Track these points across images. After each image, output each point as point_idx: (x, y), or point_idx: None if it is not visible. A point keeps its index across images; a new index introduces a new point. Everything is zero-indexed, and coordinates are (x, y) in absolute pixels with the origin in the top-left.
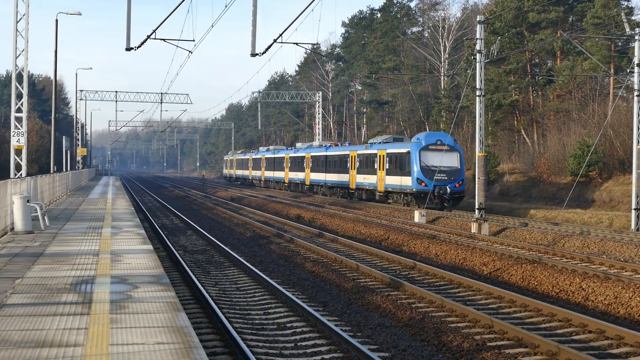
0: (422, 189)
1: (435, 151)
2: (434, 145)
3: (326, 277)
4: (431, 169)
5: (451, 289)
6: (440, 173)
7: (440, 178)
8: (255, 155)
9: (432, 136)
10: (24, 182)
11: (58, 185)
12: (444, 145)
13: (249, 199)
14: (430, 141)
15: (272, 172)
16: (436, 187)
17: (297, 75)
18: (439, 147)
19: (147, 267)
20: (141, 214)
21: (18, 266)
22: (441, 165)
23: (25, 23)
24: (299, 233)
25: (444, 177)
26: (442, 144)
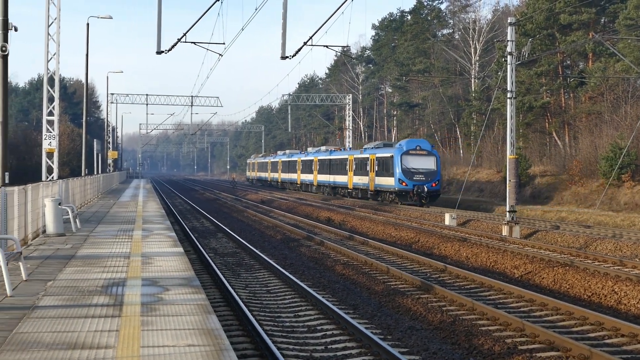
0: (403, 188)
1: (415, 155)
2: (414, 150)
3: (356, 280)
4: (411, 171)
5: (482, 292)
6: (418, 174)
7: (418, 179)
8: (273, 159)
9: (413, 142)
10: (56, 185)
11: (89, 188)
12: (423, 150)
13: (279, 202)
14: (410, 147)
15: (287, 174)
16: (415, 187)
17: (327, 77)
18: (418, 152)
19: (177, 270)
20: (172, 217)
21: (50, 268)
22: (420, 168)
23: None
24: (329, 236)
25: (422, 177)
26: (421, 149)
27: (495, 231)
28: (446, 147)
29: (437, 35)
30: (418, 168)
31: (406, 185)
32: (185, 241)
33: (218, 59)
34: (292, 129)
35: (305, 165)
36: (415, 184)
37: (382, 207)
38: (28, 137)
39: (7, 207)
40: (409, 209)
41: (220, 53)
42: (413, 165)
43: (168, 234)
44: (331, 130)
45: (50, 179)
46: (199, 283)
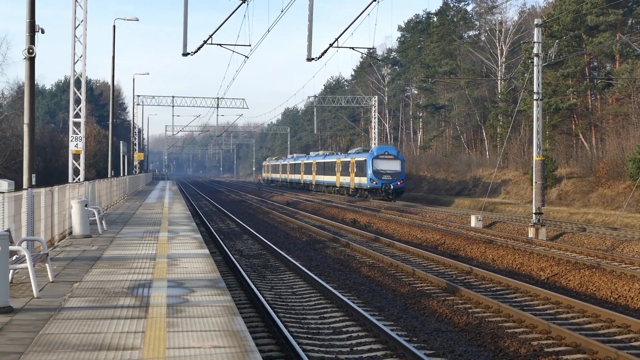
0: (374, 186)
1: (384, 159)
2: (383, 155)
3: (382, 282)
4: (380, 172)
5: (508, 294)
6: (386, 175)
7: (386, 178)
8: (283, 162)
9: (382, 149)
10: (82, 186)
11: (115, 190)
12: (390, 155)
13: (305, 204)
14: (380, 152)
15: (292, 175)
16: (383, 185)
17: (353, 79)
18: (386, 157)
19: (203, 271)
20: (197, 219)
21: (76, 270)
22: (387, 169)
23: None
24: (354, 237)
25: (389, 177)
26: (388, 154)
27: (521, 233)
28: (472, 148)
29: (463, 37)
30: (386, 170)
31: (376, 184)
32: (210, 243)
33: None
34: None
35: (307, 168)
36: (384, 183)
37: (408, 209)
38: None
39: (34, 208)
40: (435, 211)
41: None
42: (382, 168)
43: (194, 235)
44: (357, 132)
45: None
46: (224, 285)
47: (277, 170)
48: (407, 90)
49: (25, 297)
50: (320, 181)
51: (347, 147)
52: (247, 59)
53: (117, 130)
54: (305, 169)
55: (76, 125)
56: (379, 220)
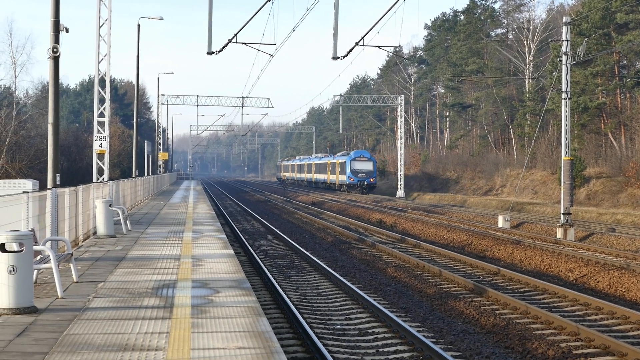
0: (351, 182)
1: (360, 161)
2: (359, 157)
3: (408, 283)
4: (357, 171)
5: (536, 295)
6: (361, 173)
7: (361, 176)
8: (292, 163)
9: (358, 152)
10: (106, 186)
11: (140, 190)
12: (365, 157)
13: (330, 204)
14: (357, 155)
15: (297, 174)
16: (359, 181)
17: (379, 78)
18: (362, 159)
19: (228, 272)
20: (222, 219)
21: (101, 270)
22: (362, 169)
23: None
24: (380, 238)
25: (364, 175)
26: (363, 157)
27: (549, 234)
28: (499, 148)
29: (491, 35)
30: (361, 169)
31: (354, 181)
32: (235, 243)
33: (269, 60)
34: (343, 130)
35: (308, 168)
36: (360, 180)
37: (434, 209)
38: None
39: (58, 208)
40: (462, 211)
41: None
42: (358, 167)
43: (218, 235)
44: (383, 132)
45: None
46: (249, 285)
47: (287, 170)
48: (433, 89)
49: (50, 298)
50: (317, 179)
51: (374, 147)
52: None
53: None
54: (307, 169)
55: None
56: (405, 220)
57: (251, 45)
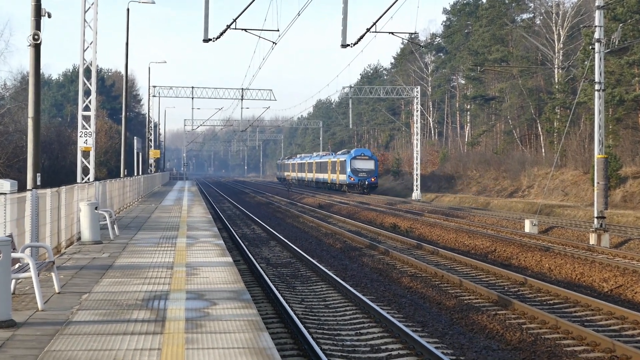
0: (352, 182)
1: (360, 159)
2: (360, 156)
3: (425, 294)
4: (357, 170)
5: (567, 307)
6: (362, 172)
7: (362, 175)
8: (294, 161)
9: (359, 151)
10: (92, 187)
11: (129, 191)
12: (366, 156)
13: (339, 207)
14: (357, 154)
15: (298, 173)
16: (360, 181)
17: (392, 68)
18: (362, 158)
19: (226, 282)
20: (219, 223)
21: (85, 280)
22: (363, 168)
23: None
24: (394, 244)
25: (365, 174)
26: (364, 155)
27: (581, 240)
28: (526, 145)
29: (516, 21)
30: (362, 168)
31: (354, 180)
32: (234, 250)
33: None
34: (353, 125)
35: (309, 167)
36: (360, 179)
37: (454, 212)
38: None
39: (39, 211)
40: (484, 214)
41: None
42: (359, 166)
43: (215, 241)
44: (397, 127)
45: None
46: (249, 297)
47: (287, 169)
48: (453, 80)
49: (29, 310)
50: (318, 179)
51: (387, 143)
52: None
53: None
54: (308, 168)
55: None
56: (421, 225)
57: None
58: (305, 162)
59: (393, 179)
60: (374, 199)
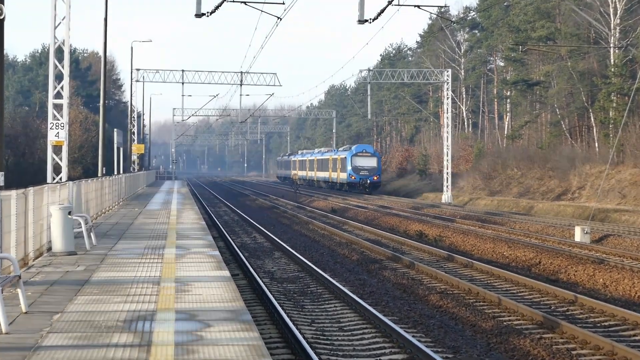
0: (352, 180)
1: (362, 156)
2: (361, 153)
3: (457, 314)
4: (358, 168)
5: (624, 330)
6: (363, 170)
7: (363, 174)
8: (294, 158)
9: (360, 147)
10: (65, 188)
11: (108, 193)
12: (367, 152)
13: (355, 211)
14: (358, 150)
15: (298, 171)
16: (361, 179)
17: (418, 48)
18: (364, 154)
19: (222, 300)
20: (215, 230)
21: (57, 297)
22: (364, 165)
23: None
24: (421, 255)
25: (366, 172)
26: (366, 152)
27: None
28: (576, 138)
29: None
30: (364, 166)
31: (355, 179)
32: (232, 262)
33: (276, 24)
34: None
35: (311, 164)
36: (362, 178)
37: (491, 218)
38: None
39: (3, 217)
40: (527, 221)
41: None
42: (360, 164)
43: (210, 252)
44: (424, 117)
45: (58, 180)
46: (250, 317)
47: (288, 167)
48: (489, 62)
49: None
50: (319, 177)
51: (412, 137)
52: (280, 21)
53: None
54: (310, 166)
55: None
56: (453, 232)
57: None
58: (307, 159)
59: (419, 178)
60: (397, 203)
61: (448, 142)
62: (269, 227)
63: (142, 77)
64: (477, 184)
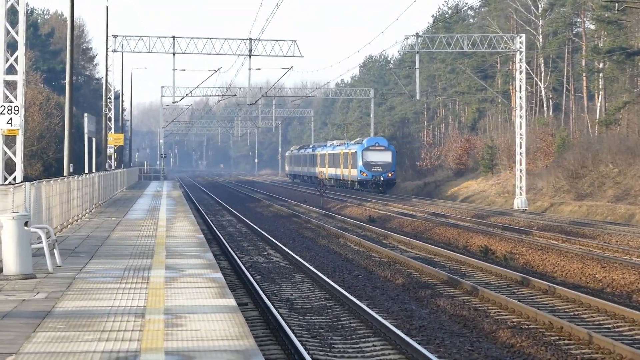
0: (364, 178)
1: (374, 150)
2: (373, 146)
3: (535, 355)
4: (370, 164)
5: None
6: (376, 167)
7: (376, 170)
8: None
9: (373, 140)
10: (20, 191)
11: (76, 197)
12: (381, 146)
13: (400, 220)
14: (370, 143)
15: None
16: (374, 177)
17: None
18: (377, 148)
19: (226, 337)
20: (216, 246)
21: (10, 334)
22: (377, 161)
23: None
24: (487, 278)
25: (379, 169)
26: (379, 145)
27: None
28: None
29: None
30: (376, 161)
31: (366, 176)
32: (239, 288)
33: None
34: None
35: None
36: (374, 175)
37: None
38: None
39: None
40: (627, 233)
41: None
42: (372, 159)
43: (210, 275)
44: (489, 98)
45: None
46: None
47: (298, 162)
48: (577, 25)
49: None
50: (330, 175)
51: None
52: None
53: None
54: (321, 162)
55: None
56: (528, 248)
57: None
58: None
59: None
60: (454, 209)
61: (522, 130)
62: (287, 242)
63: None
64: (559, 185)
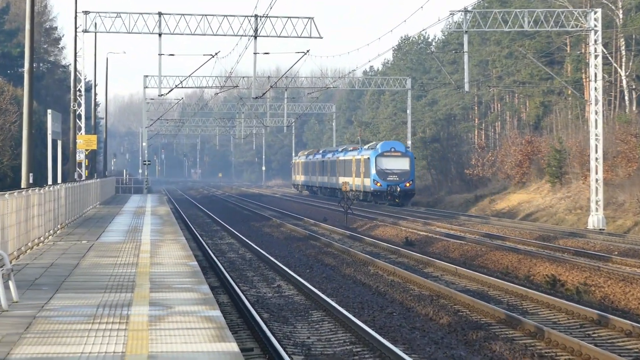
0: (378, 188)
1: (389, 157)
2: (388, 152)
3: None
4: (385, 172)
5: None
6: (392, 175)
7: (392, 179)
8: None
9: (388, 144)
10: None
11: (38, 215)
12: (397, 152)
13: (444, 243)
14: (385, 149)
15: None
16: (389, 187)
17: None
18: (392, 153)
19: None
20: (213, 276)
21: None
22: (393, 169)
23: None
24: (555, 317)
25: (396, 178)
26: (395, 151)
27: None
28: None
29: None
30: (392, 169)
31: (380, 186)
32: (242, 329)
33: None
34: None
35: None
36: (389, 184)
37: None
38: None
39: None
40: None
41: None
42: (387, 167)
43: (205, 313)
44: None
45: None
46: None
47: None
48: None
49: None
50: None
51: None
52: None
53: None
54: (331, 170)
55: None
56: (606, 278)
57: None
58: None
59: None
60: (514, 230)
61: (597, 130)
62: (302, 271)
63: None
64: None
